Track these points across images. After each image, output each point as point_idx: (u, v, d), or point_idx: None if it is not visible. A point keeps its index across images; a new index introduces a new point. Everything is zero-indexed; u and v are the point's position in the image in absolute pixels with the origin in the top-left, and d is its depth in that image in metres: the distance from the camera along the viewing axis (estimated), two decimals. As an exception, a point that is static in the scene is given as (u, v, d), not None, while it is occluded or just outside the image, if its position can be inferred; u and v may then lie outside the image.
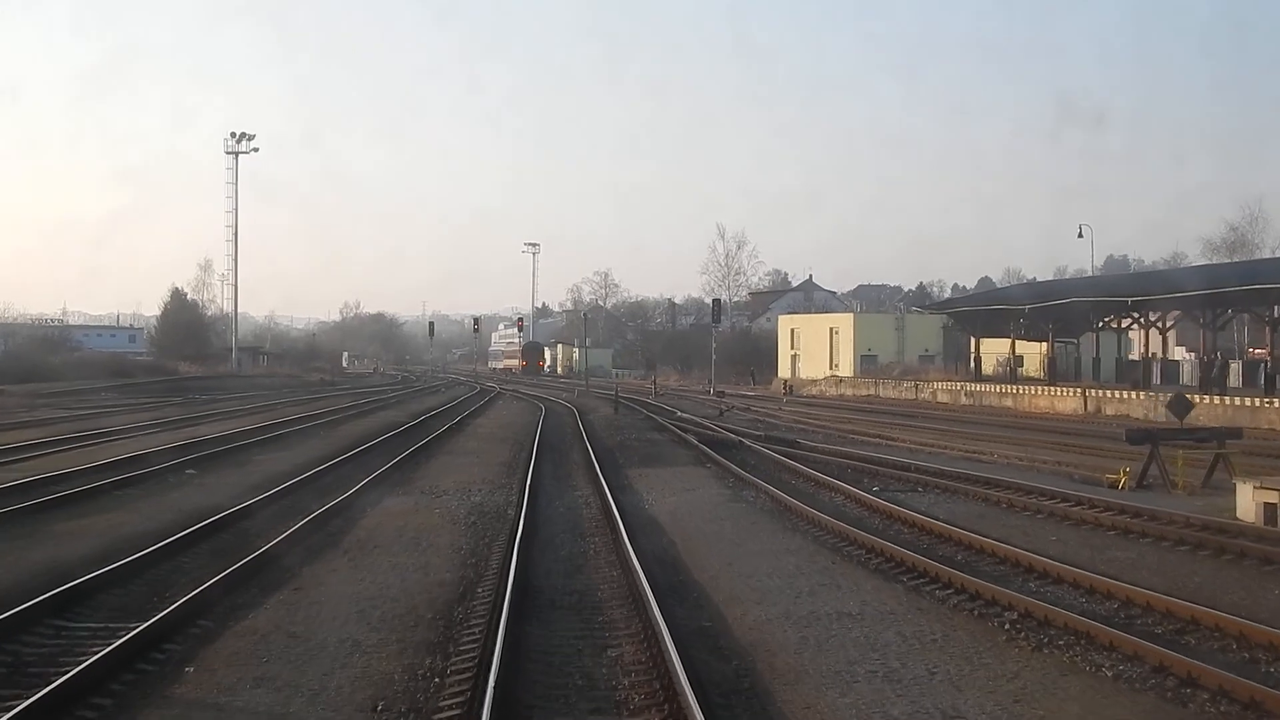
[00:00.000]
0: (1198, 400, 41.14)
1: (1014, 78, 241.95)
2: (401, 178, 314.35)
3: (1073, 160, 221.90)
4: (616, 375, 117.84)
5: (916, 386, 63.94)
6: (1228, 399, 40.51)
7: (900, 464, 25.69)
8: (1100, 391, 48.09)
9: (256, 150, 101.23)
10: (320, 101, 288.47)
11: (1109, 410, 46.07)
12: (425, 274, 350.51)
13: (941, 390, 60.97)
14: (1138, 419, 43.20)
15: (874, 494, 20.69)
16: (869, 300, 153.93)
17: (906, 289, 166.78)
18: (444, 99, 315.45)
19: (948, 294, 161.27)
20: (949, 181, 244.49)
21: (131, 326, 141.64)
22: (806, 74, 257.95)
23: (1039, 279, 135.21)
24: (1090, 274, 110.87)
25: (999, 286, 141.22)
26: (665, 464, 27.50)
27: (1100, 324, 56.28)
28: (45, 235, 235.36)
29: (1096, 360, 56.37)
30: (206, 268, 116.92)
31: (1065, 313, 53.40)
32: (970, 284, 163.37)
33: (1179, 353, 66.25)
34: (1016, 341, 64.12)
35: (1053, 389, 51.52)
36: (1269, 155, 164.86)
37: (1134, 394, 45.70)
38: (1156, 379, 56.58)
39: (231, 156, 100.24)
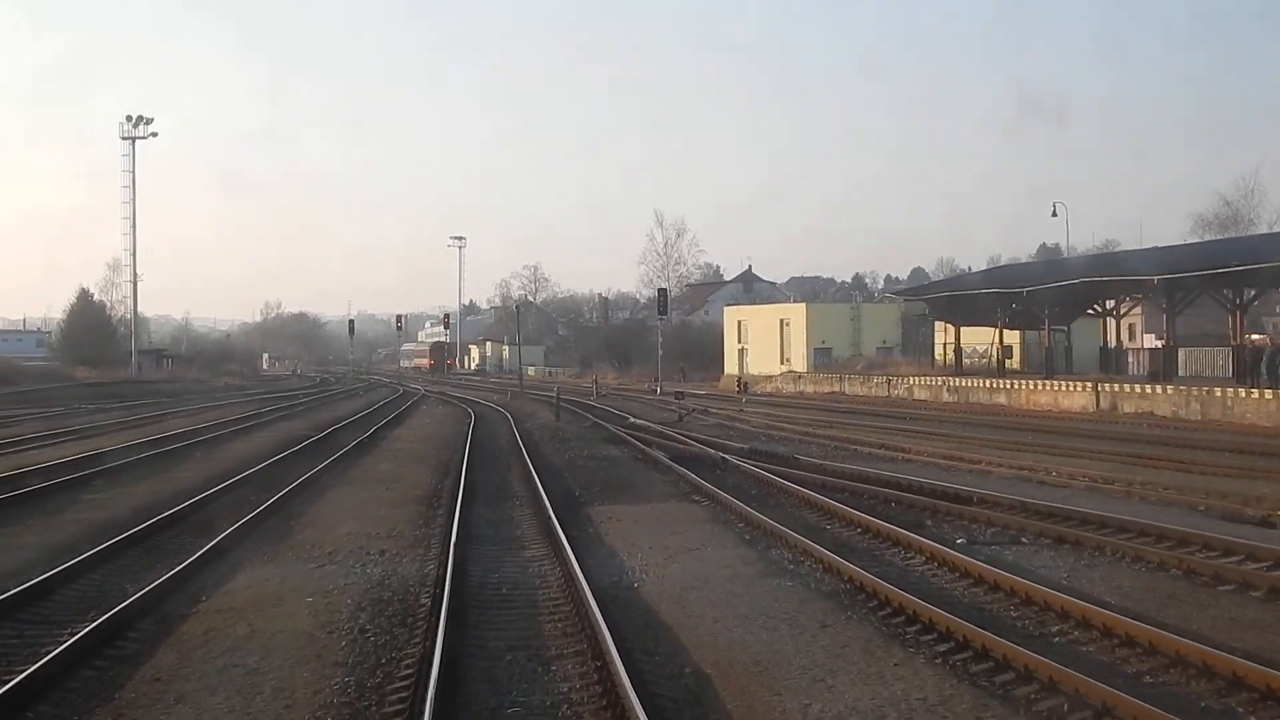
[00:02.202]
0: (1241, 395, 35.33)
1: (971, 73, 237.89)
2: (326, 176, 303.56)
3: (1016, 153, 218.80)
4: (550, 373, 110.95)
5: (888, 382, 57.68)
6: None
7: (953, 492, 19.12)
8: (1114, 386, 42.02)
9: (155, 135, 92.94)
10: (279, 101, 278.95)
11: (1127, 408, 40.04)
12: (351, 273, 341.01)
13: (919, 386, 54.72)
14: (1164, 417, 37.26)
15: (962, 549, 14.12)
16: (804, 293, 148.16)
17: (841, 280, 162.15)
18: (378, 91, 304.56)
19: (881, 285, 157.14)
20: (890, 175, 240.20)
21: (39, 330, 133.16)
22: (766, 69, 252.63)
23: (973, 269, 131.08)
24: (1026, 261, 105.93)
25: (931, 278, 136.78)
26: (638, 496, 20.64)
27: (1104, 308, 50.38)
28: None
29: (1104, 349, 50.30)
30: (115, 268, 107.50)
31: (1064, 296, 47.32)
32: (903, 275, 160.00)
33: (1147, 340, 60.94)
34: (975, 330, 58.57)
35: (1053, 383, 45.38)
36: (1232, 152, 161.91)
37: (1157, 389, 39.64)
38: (1137, 369, 51.09)
39: (128, 143, 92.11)
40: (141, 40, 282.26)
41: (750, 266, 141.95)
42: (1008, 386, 47.58)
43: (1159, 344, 58.92)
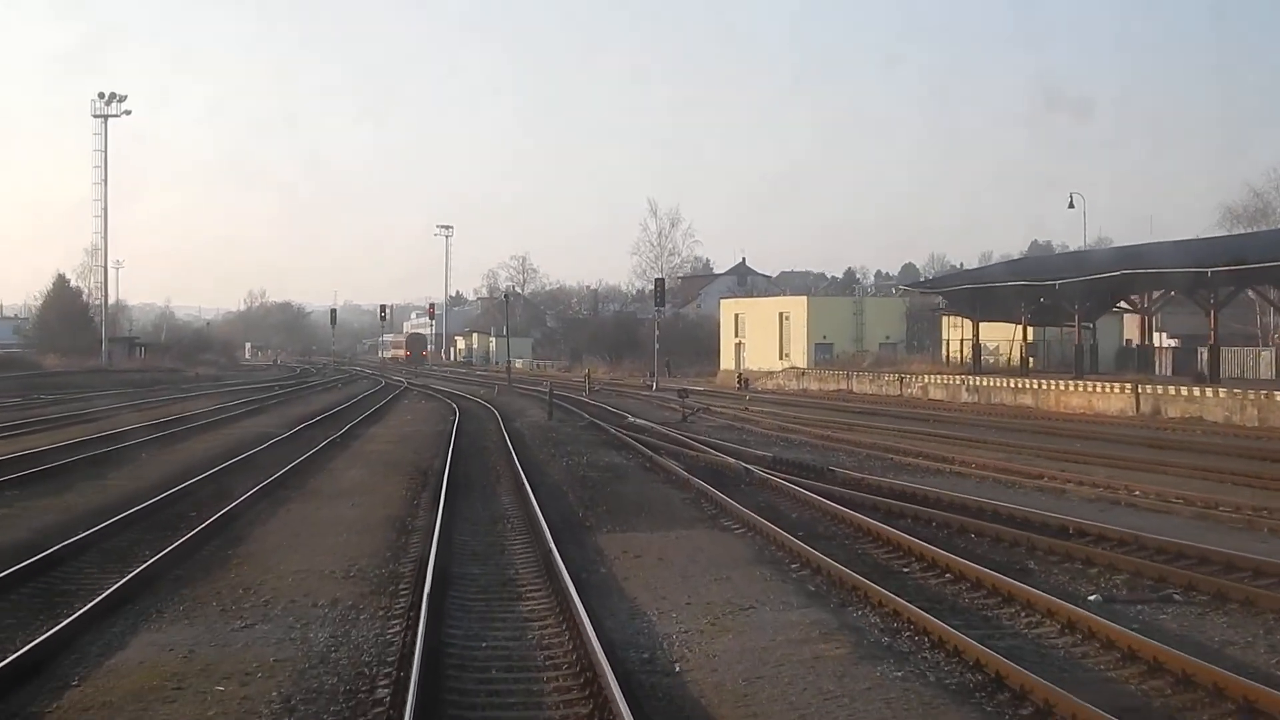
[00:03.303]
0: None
1: (973, 69, 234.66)
2: (323, 166, 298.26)
3: (1011, 150, 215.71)
4: (538, 366, 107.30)
5: (901, 380, 54.20)
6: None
7: (1038, 520, 15.71)
8: (1156, 388, 38.58)
9: (129, 113, 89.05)
10: (280, 91, 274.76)
11: (1172, 411, 36.61)
12: (342, 264, 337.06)
13: (934, 385, 51.26)
14: (1216, 423, 33.86)
15: (1100, 609, 10.69)
16: (794, 288, 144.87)
17: (831, 275, 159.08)
18: (382, 84, 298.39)
19: (872, 280, 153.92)
20: (883, 171, 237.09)
21: (16, 317, 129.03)
22: (762, 69, 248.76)
23: (965, 265, 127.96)
24: (1016, 258, 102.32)
25: (922, 274, 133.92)
26: (656, 520, 17.03)
27: (1142, 303, 46.86)
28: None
29: (1139, 349, 46.72)
30: (93, 253, 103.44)
31: (1096, 290, 43.88)
32: (894, 270, 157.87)
33: (1160, 339, 57.68)
34: (987, 326, 55.09)
35: (1086, 384, 41.96)
36: (1238, 149, 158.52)
37: (1207, 392, 36.20)
38: (1161, 368, 47.83)
39: (100, 121, 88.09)
40: (144, 29, 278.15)
41: (744, 259, 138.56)
42: (1034, 387, 44.12)
43: (1173, 342, 55.87)
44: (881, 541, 14.62)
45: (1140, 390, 38.51)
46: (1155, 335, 59.22)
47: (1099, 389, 40.71)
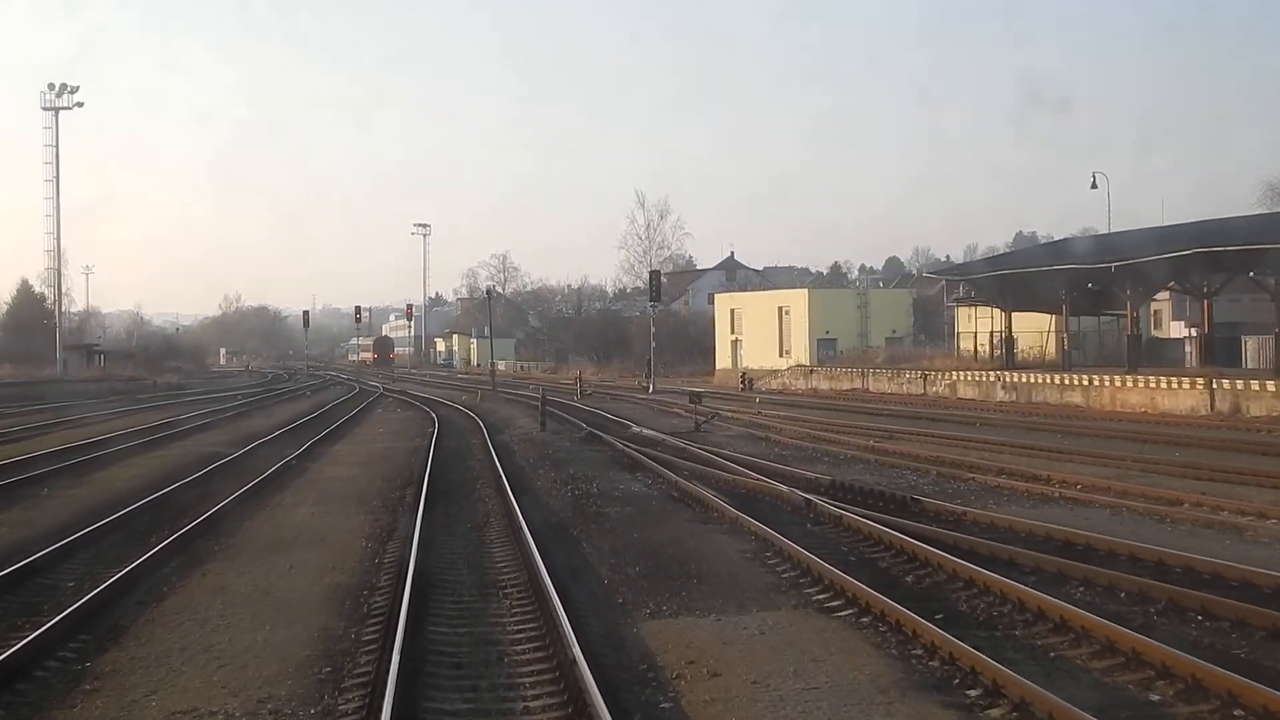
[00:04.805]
0: None
1: (965, 65, 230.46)
2: (302, 169, 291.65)
3: (997, 144, 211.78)
4: (521, 368, 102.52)
5: (925, 378, 49.38)
6: None
7: (1277, 586, 10.92)
8: (1235, 383, 33.83)
9: (81, 105, 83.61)
10: (267, 94, 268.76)
11: (1255, 409, 31.96)
12: (323, 267, 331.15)
13: (963, 382, 46.50)
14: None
15: None
16: (781, 283, 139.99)
17: (816, 270, 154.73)
18: (369, 85, 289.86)
19: (856, 274, 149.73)
20: (870, 166, 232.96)
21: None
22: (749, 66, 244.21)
23: (952, 258, 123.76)
24: (1003, 250, 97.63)
25: (907, 267, 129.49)
26: (718, 593, 11.83)
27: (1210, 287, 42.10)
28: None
29: (1208, 338, 41.63)
30: (52, 256, 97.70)
31: (1153, 272, 39.14)
32: (879, 265, 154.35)
33: (1177, 328, 53.11)
34: (1006, 316, 50.29)
35: (1146, 380, 37.23)
36: (1232, 140, 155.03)
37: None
38: (1190, 361, 43.22)
39: (50, 114, 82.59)
40: (133, 34, 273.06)
41: (733, 253, 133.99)
42: (1083, 383, 39.36)
43: (1191, 331, 51.10)
44: (1069, 631, 9.67)
45: (1215, 386, 33.80)
46: (1174, 324, 54.83)
47: (1164, 384, 35.96)
